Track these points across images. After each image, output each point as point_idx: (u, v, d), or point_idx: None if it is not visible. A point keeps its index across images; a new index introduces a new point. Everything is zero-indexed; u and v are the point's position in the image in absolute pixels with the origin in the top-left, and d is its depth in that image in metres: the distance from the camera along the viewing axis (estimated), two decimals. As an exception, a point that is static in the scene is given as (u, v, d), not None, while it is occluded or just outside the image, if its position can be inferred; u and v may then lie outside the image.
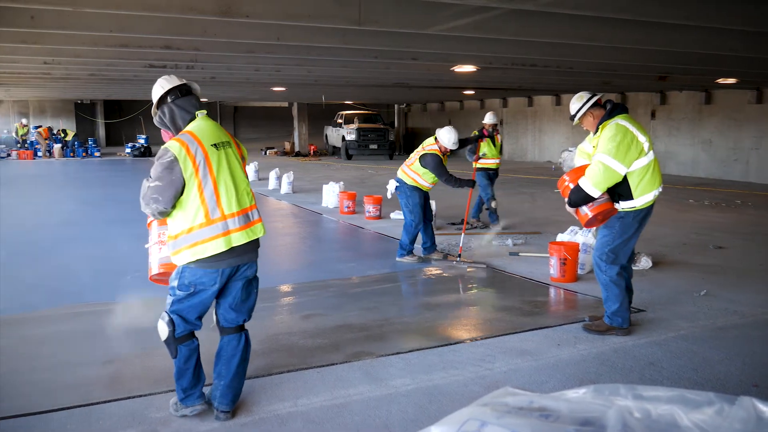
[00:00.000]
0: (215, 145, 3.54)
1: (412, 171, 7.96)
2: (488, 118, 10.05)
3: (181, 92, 3.61)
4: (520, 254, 8.18)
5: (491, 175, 10.13)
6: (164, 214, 3.51)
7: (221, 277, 3.58)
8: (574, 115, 5.25)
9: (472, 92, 21.80)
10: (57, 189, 17.17)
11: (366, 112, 28.90)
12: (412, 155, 8.22)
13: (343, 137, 26.71)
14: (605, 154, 4.84)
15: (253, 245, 3.70)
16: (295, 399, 4.04)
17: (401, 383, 4.29)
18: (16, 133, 28.62)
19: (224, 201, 3.52)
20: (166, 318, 3.58)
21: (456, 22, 6.90)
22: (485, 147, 9.87)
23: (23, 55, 10.04)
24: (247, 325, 3.85)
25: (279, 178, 15.79)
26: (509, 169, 10.34)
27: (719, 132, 18.17)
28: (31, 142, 27.96)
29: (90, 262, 7.99)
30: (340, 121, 28.11)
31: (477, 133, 9.63)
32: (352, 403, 3.99)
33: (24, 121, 29.43)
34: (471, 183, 8.15)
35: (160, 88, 3.60)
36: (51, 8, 6.35)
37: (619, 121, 4.95)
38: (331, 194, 12.79)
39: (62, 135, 28.74)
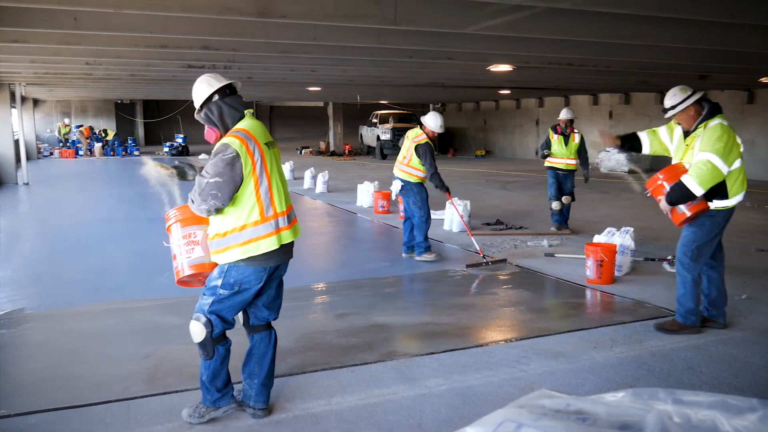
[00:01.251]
0: (267, 144, 3.56)
1: (412, 168, 7.92)
2: (563, 114, 9.57)
3: (228, 91, 3.58)
4: (555, 255, 8.10)
5: (559, 175, 9.55)
6: (219, 211, 3.46)
7: (266, 276, 3.58)
8: (670, 109, 5.20)
9: (507, 92, 21.64)
10: (97, 187, 17.51)
11: (401, 111, 28.89)
12: (403, 151, 8.17)
13: (378, 137, 26.75)
14: (714, 154, 4.84)
15: (292, 245, 3.72)
16: (329, 397, 4.06)
17: (435, 383, 4.28)
18: (59, 132, 29.29)
19: (276, 199, 3.53)
20: (203, 319, 3.53)
21: (492, 21, 6.86)
22: (555, 144, 9.48)
23: (66, 56, 10.25)
24: (281, 324, 3.87)
25: (314, 178, 15.87)
26: (542, 169, 10.11)
27: (762, 132, 17.75)
28: (73, 141, 28.58)
29: (129, 258, 8.13)
30: (375, 120, 28.15)
31: (550, 130, 9.56)
32: (386, 403, 3.99)
33: (66, 120, 30.11)
34: (447, 189, 8.06)
35: (207, 86, 3.55)
36: (94, 10, 6.47)
37: (722, 121, 4.97)
38: (365, 194, 12.82)
39: (103, 134, 29.32)
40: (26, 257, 8.25)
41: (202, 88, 3.57)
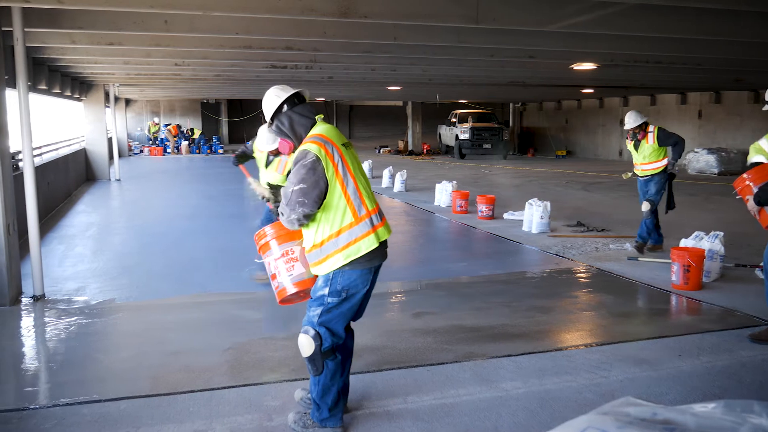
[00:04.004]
0: (343, 145, 3.50)
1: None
2: (627, 122, 8.20)
3: (297, 100, 3.56)
4: (639, 259, 7.85)
5: (640, 182, 8.49)
6: (309, 218, 3.35)
7: (371, 277, 3.48)
8: None
9: (591, 90, 21.14)
10: (183, 184, 18.14)
11: (480, 111, 28.64)
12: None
13: (457, 136, 26.61)
14: None
15: (386, 243, 3.60)
16: (404, 396, 4.07)
17: (512, 386, 4.22)
18: (149, 130, 30.52)
19: (366, 197, 3.45)
20: (312, 332, 3.40)
21: (577, 18, 6.72)
22: (631, 149, 8.46)
23: (157, 57, 10.68)
24: (358, 321, 3.81)
25: (392, 177, 15.94)
26: (626, 170, 9.73)
27: None
28: (162, 139, 29.71)
29: (212, 253, 8.39)
30: (453, 120, 28.02)
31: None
32: (462, 404, 3.97)
33: (156, 119, 31.34)
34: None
35: (275, 97, 3.54)
36: (183, 13, 6.70)
37: None
38: (443, 193, 12.78)
39: (190, 133, 30.37)
40: (117, 250, 8.63)
41: (271, 101, 3.56)
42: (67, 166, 14.69)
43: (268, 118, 3.59)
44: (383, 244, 3.51)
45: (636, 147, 8.23)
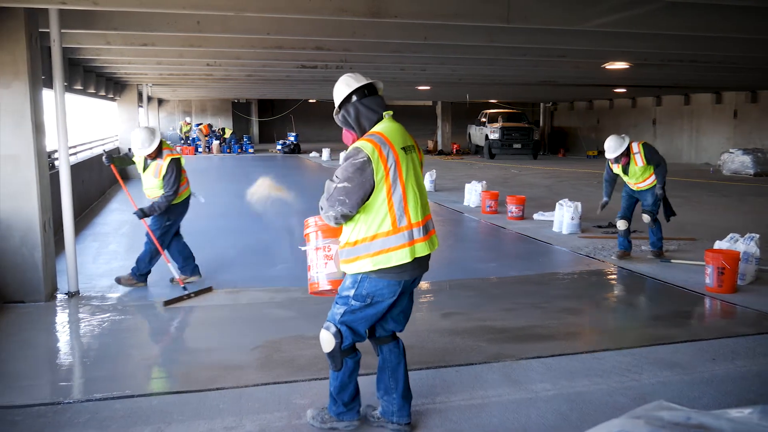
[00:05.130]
0: (404, 148, 3.34)
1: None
2: (608, 152, 7.60)
3: (367, 91, 3.40)
4: (672, 261, 7.74)
5: (630, 190, 8.00)
6: (346, 218, 3.27)
7: (401, 289, 3.38)
8: None
9: (623, 90, 20.89)
10: (215, 182, 18.30)
11: (510, 110, 28.47)
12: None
13: (487, 136, 26.47)
14: None
15: (428, 257, 3.47)
16: (432, 396, 4.06)
17: (541, 388, 4.19)
18: (181, 130, 30.87)
19: (411, 208, 3.30)
20: (333, 329, 3.38)
21: (609, 17, 6.64)
22: (620, 174, 7.88)
23: (189, 58, 10.81)
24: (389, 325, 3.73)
25: (421, 176, 15.91)
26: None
27: None
28: (193, 138, 30.04)
29: (242, 251, 8.46)
30: (483, 119, 27.88)
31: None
32: (491, 405, 3.95)
33: (188, 119, 31.69)
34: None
35: (345, 86, 3.39)
36: (216, 13, 6.77)
37: None
38: (473, 193, 12.73)
39: (221, 132, 30.67)
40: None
41: (341, 89, 3.41)
42: (101, 165, 14.92)
43: (336, 104, 3.46)
44: (420, 260, 3.37)
45: (625, 171, 7.73)
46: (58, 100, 6.24)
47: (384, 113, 3.41)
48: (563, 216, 9.69)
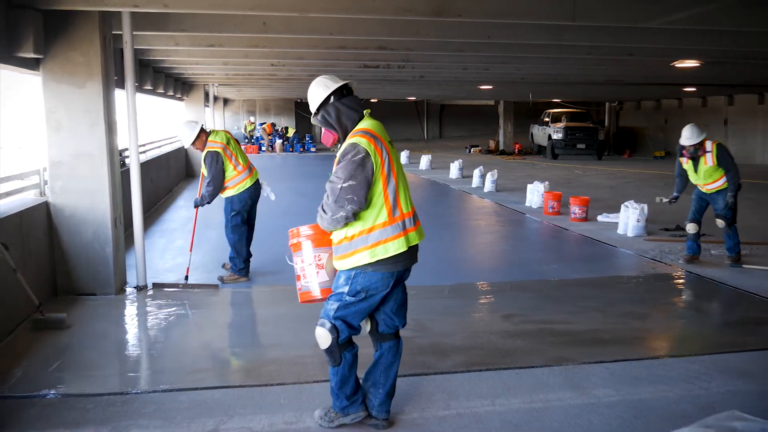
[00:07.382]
0: (390, 142, 3.48)
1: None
2: (685, 138, 7.43)
3: (345, 92, 3.50)
4: (743, 266, 7.46)
5: (703, 192, 7.74)
6: (356, 216, 3.34)
7: (393, 281, 3.45)
8: None
9: (693, 89, 20.26)
10: (277, 181, 18.47)
11: (574, 110, 27.93)
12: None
13: (550, 136, 26.05)
14: None
15: (418, 248, 3.54)
16: (493, 398, 4.03)
17: (604, 393, 4.10)
18: (245, 129, 31.49)
19: (402, 199, 3.42)
20: (328, 325, 3.44)
21: (678, 14, 6.46)
22: (687, 171, 7.78)
23: (254, 58, 11.01)
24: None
25: (482, 176, 15.79)
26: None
27: None
28: (257, 137, 30.58)
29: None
30: (546, 119, 27.45)
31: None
32: (551, 409, 3.89)
33: (251, 118, 32.29)
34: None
35: (323, 88, 3.47)
36: (280, 14, 6.89)
37: None
38: (535, 194, 12.56)
39: (284, 131, 31.13)
40: (214, 244, 8.92)
41: (318, 91, 3.49)
42: (169, 163, 15.35)
43: (313, 108, 3.53)
44: (413, 249, 3.47)
45: (695, 167, 7.49)
46: (130, 101, 6.45)
47: (363, 111, 3.53)
48: (628, 218, 9.46)
